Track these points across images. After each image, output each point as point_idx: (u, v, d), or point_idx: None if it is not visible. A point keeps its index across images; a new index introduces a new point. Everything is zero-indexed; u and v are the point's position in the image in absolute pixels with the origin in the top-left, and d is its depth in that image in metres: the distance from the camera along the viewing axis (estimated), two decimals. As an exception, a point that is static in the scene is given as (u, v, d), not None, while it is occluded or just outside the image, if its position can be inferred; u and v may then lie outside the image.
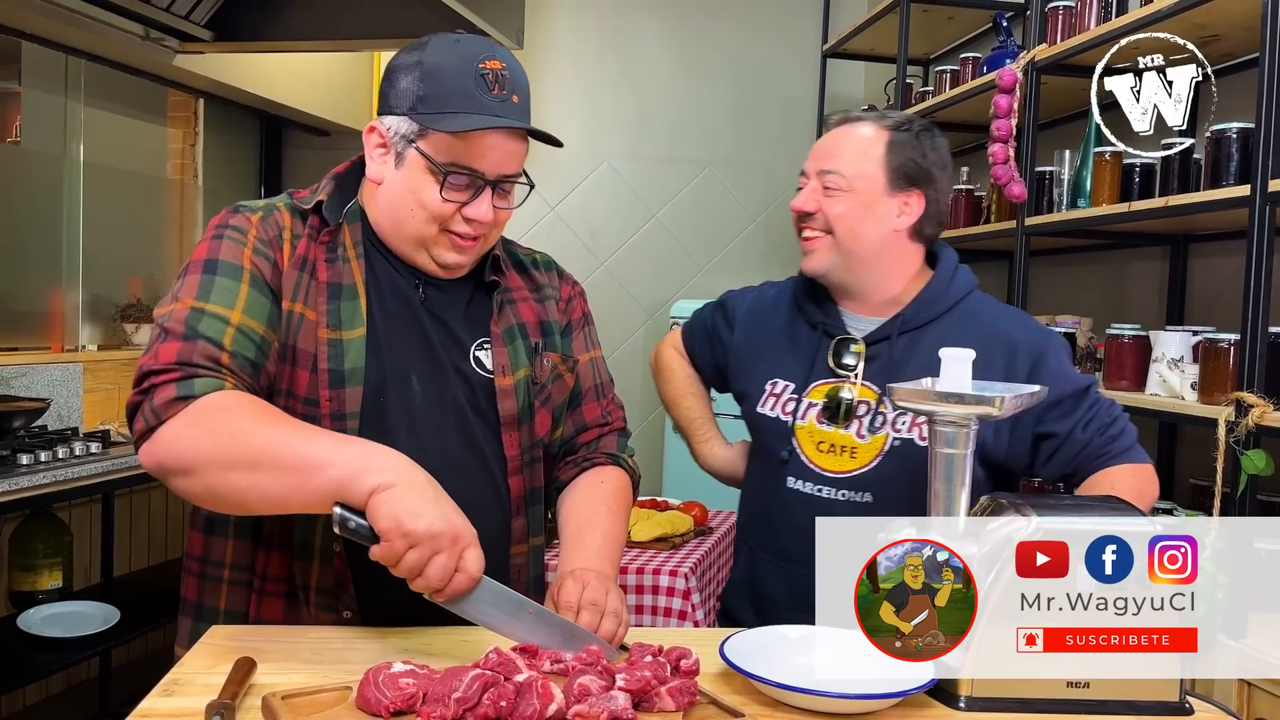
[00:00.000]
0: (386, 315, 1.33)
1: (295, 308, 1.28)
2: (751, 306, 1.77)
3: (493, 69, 1.25)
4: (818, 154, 1.62)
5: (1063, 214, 2.60)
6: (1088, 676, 1.12)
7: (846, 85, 4.63)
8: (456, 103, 1.24)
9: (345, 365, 1.27)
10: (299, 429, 1.17)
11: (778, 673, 1.11)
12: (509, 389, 1.36)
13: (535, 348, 1.40)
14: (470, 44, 1.28)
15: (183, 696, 1.05)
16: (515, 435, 1.36)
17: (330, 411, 1.26)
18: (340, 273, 1.31)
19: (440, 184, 1.26)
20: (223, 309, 1.22)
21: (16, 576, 2.96)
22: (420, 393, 1.31)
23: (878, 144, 1.57)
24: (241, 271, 1.25)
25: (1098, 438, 1.52)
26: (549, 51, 4.60)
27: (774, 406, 1.64)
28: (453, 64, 1.25)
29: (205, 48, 3.40)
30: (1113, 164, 2.46)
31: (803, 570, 1.59)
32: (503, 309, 1.40)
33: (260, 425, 1.14)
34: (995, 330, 1.58)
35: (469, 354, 1.36)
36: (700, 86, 4.64)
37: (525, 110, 1.29)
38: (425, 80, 1.25)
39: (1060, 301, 3.18)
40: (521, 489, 1.37)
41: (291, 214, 1.33)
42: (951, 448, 1.18)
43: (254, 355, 1.23)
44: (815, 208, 1.58)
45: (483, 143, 1.25)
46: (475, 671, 0.99)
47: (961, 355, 1.18)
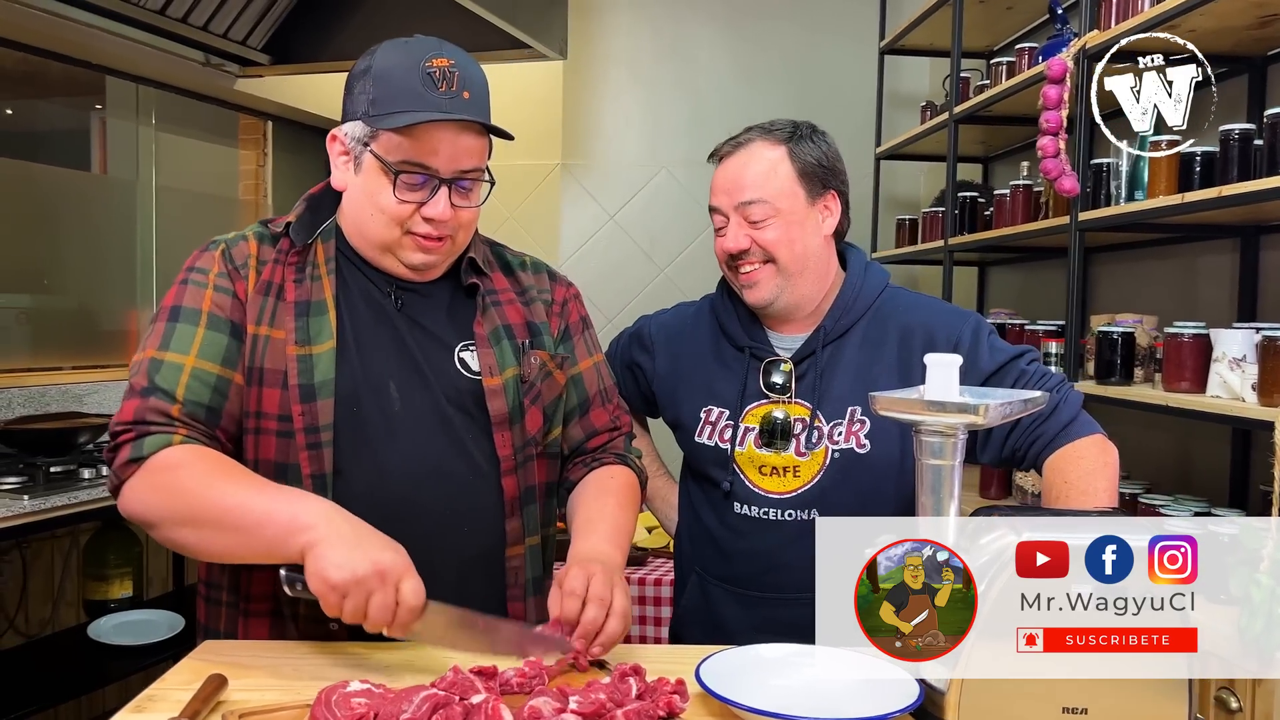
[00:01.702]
0: (359, 326, 1.33)
1: (261, 331, 1.30)
2: (671, 331, 1.72)
3: (440, 66, 1.25)
4: (726, 189, 1.56)
5: (1116, 208, 2.47)
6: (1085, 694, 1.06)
7: (906, 82, 4.52)
8: (404, 101, 1.24)
9: (315, 379, 1.28)
10: (237, 486, 1.19)
11: (755, 695, 1.08)
12: (497, 389, 1.35)
13: (523, 347, 1.39)
14: (419, 44, 1.28)
15: (154, 713, 1.06)
16: (507, 434, 1.35)
17: (304, 426, 1.27)
18: (309, 290, 1.33)
19: (393, 184, 1.26)
20: (179, 356, 1.27)
21: (90, 586, 3.08)
22: (399, 399, 1.31)
23: (781, 159, 1.54)
24: (200, 315, 1.30)
25: (1025, 415, 1.45)
26: (605, 61, 4.60)
27: (711, 435, 1.61)
28: (400, 65, 1.26)
29: (264, 71, 3.50)
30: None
31: (759, 595, 1.56)
32: (486, 310, 1.39)
33: (207, 483, 1.19)
34: (910, 324, 1.55)
35: (453, 357, 1.35)
36: (759, 90, 4.58)
37: (478, 106, 1.29)
38: (375, 83, 1.26)
39: (1127, 299, 3.04)
40: (516, 489, 1.35)
41: (260, 241, 1.36)
42: (938, 459, 1.12)
43: (208, 399, 1.27)
44: (748, 244, 1.54)
45: (432, 139, 1.25)
46: (427, 692, 0.98)
47: (947, 361, 1.12)
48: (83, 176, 3.68)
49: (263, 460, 1.29)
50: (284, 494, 1.20)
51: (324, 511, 1.14)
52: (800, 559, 1.49)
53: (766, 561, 1.54)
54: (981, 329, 1.56)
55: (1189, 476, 2.75)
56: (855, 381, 1.52)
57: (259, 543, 1.15)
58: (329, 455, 1.27)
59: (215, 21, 3.17)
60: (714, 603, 1.60)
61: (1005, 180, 3.28)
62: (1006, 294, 4.02)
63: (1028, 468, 1.51)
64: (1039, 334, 2.93)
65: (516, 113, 4.57)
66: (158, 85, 3.55)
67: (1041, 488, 1.48)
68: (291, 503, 1.16)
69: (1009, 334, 3.19)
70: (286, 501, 1.17)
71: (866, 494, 1.48)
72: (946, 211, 3.55)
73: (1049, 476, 1.45)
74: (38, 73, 3.45)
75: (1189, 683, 1.07)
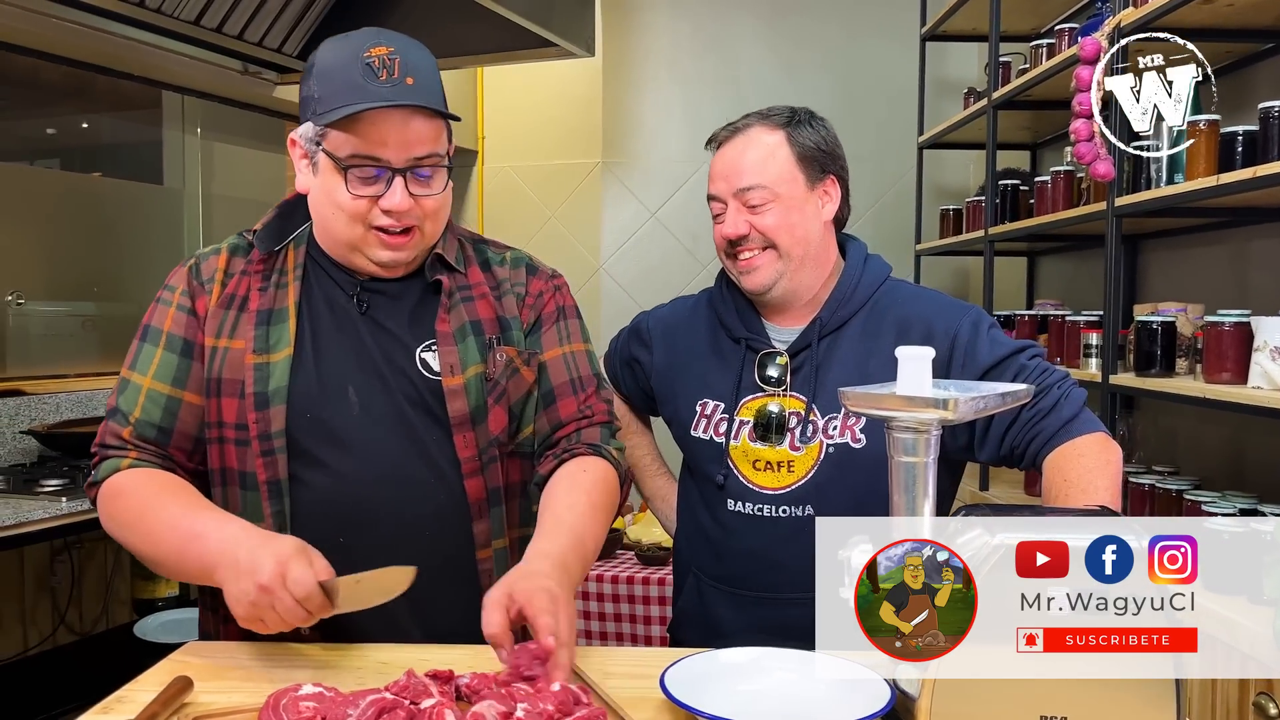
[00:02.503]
0: (320, 332, 1.33)
1: (220, 343, 1.32)
2: (667, 324, 1.70)
3: (379, 55, 1.23)
4: (724, 174, 1.53)
5: (1152, 192, 2.37)
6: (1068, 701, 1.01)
7: (948, 68, 4.42)
8: (346, 95, 1.22)
9: (270, 386, 1.28)
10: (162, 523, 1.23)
11: (720, 703, 1.04)
12: (458, 389, 1.32)
13: (490, 343, 1.36)
14: (358, 36, 1.27)
15: (120, 714, 1.07)
16: (470, 435, 1.31)
17: (258, 433, 1.28)
18: (273, 298, 1.33)
19: (345, 179, 1.25)
20: (139, 377, 1.33)
21: (138, 585, 3.16)
22: (358, 404, 1.30)
23: (780, 144, 1.52)
24: (161, 335, 1.34)
25: (1026, 410, 1.38)
26: (645, 58, 4.58)
27: (706, 429, 1.58)
28: (340, 59, 1.25)
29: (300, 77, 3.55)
30: (1209, 133, 2.23)
31: (751, 594, 1.52)
32: (453, 308, 1.36)
33: (142, 513, 1.25)
34: (909, 316, 1.51)
35: (415, 358, 1.33)
36: (800, 83, 4.52)
37: (424, 90, 1.25)
38: (319, 81, 1.25)
39: (1178, 288, 2.92)
40: (481, 491, 1.32)
41: (232, 253, 1.38)
42: (910, 455, 1.08)
43: (159, 419, 1.31)
44: (747, 229, 1.51)
45: (378, 130, 1.23)
46: (374, 696, 0.97)
47: (918, 355, 1.08)
48: (138, 187, 3.80)
49: (227, 468, 1.31)
50: (198, 530, 1.20)
51: (223, 547, 1.14)
52: (794, 558, 1.45)
53: (760, 561, 1.51)
54: (981, 322, 1.51)
55: (1242, 471, 2.63)
56: (852, 375, 1.48)
57: (191, 578, 1.21)
58: (283, 461, 1.28)
59: (250, 30, 3.22)
60: (709, 604, 1.57)
61: (1052, 167, 3.18)
62: (1055, 285, 3.90)
63: (1026, 466, 1.45)
64: (1080, 325, 2.83)
65: (556, 112, 4.64)
66: (201, 95, 3.62)
67: (1041, 486, 1.42)
68: (200, 543, 1.18)
69: (1051, 326, 3.09)
70: (197, 543, 1.19)
71: (862, 490, 1.43)
72: (987, 200, 3.45)
73: (1048, 475, 1.39)
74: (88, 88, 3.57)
75: (1176, 684, 1.01)
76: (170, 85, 3.57)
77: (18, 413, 2.98)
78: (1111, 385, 2.56)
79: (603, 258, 4.57)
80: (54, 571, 3.06)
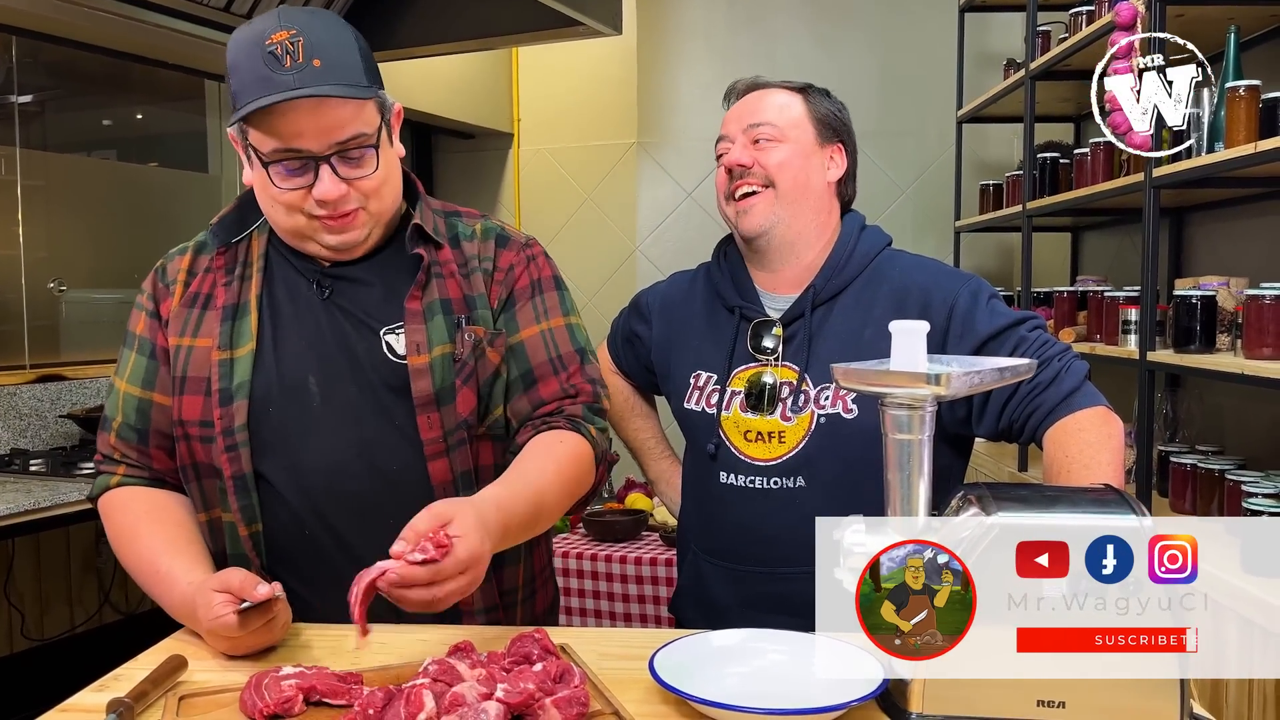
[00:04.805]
0: (280, 325, 1.31)
1: (184, 342, 1.32)
2: (665, 299, 1.69)
3: (280, 41, 1.17)
4: (738, 115, 1.56)
5: (1190, 161, 2.29)
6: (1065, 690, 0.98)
7: (989, 40, 4.31)
8: (254, 89, 1.18)
9: (233, 382, 1.28)
10: (146, 551, 1.28)
11: (710, 685, 1.03)
12: (423, 368, 1.28)
13: (458, 323, 1.31)
14: (259, 23, 1.21)
15: (114, 692, 1.08)
16: (435, 416, 1.27)
17: (222, 429, 1.28)
18: (237, 292, 1.33)
19: (268, 175, 1.22)
20: (119, 381, 1.36)
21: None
22: (318, 394, 1.29)
23: (796, 100, 1.55)
24: (135, 339, 1.37)
25: (1025, 383, 1.35)
26: (679, 34, 4.53)
27: (699, 400, 1.56)
28: (244, 51, 1.20)
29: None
30: (1248, 100, 2.14)
31: (744, 569, 1.50)
32: (428, 284, 1.32)
33: (126, 541, 1.30)
34: (906, 285, 1.49)
35: (381, 342, 1.30)
36: (838, 57, 4.44)
37: (333, 70, 1.18)
38: (232, 75, 1.21)
39: (1220, 261, 2.82)
40: (447, 473, 1.28)
41: (196, 251, 1.38)
42: (904, 433, 1.05)
43: (135, 420, 1.34)
44: (751, 161, 1.51)
45: (291, 122, 1.18)
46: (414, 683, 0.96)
47: (912, 329, 1.04)
48: (186, 176, 3.87)
49: (198, 463, 1.31)
50: (164, 571, 1.24)
51: (180, 601, 1.20)
52: (786, 530, 1.43)
53: (752, 534, 1.49)
54: (981, 291, 1.47)
55: (1290, 451, 2.54)
56: (845, 345, 1.45)
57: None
58: (246, 456, 1.27)
59: (281, 16, 3.24)
60: (706, 579, 1.56)
61: (1093, 139, 3.09)
62: (1100, 261, 3.80)
63: (1026, 440, 1.41)
64: (1119, 301, 2.75)
65: (590, 93, 4.62)
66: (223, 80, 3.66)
67: (1043, 462, 1.38)
68: (168, 584, 1.23)
69: (1090, 302, 3.00)
70: (165, 581, 1.24)
71: (853, 461, 1.40)
72: (1025, 173, 3.37)
73: (1049, 450, 1.35)
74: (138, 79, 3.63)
75: (1180, 681, 0.97)
76: (210, 74, 3.62)
77: (59, 397, 3.05)
78: (1149, 362, 2.48)
79: (639, 239, 4.54)
80: (99, 553, 3.13)
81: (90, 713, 1.03)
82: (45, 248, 3.23)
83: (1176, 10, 2.42)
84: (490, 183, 4.78)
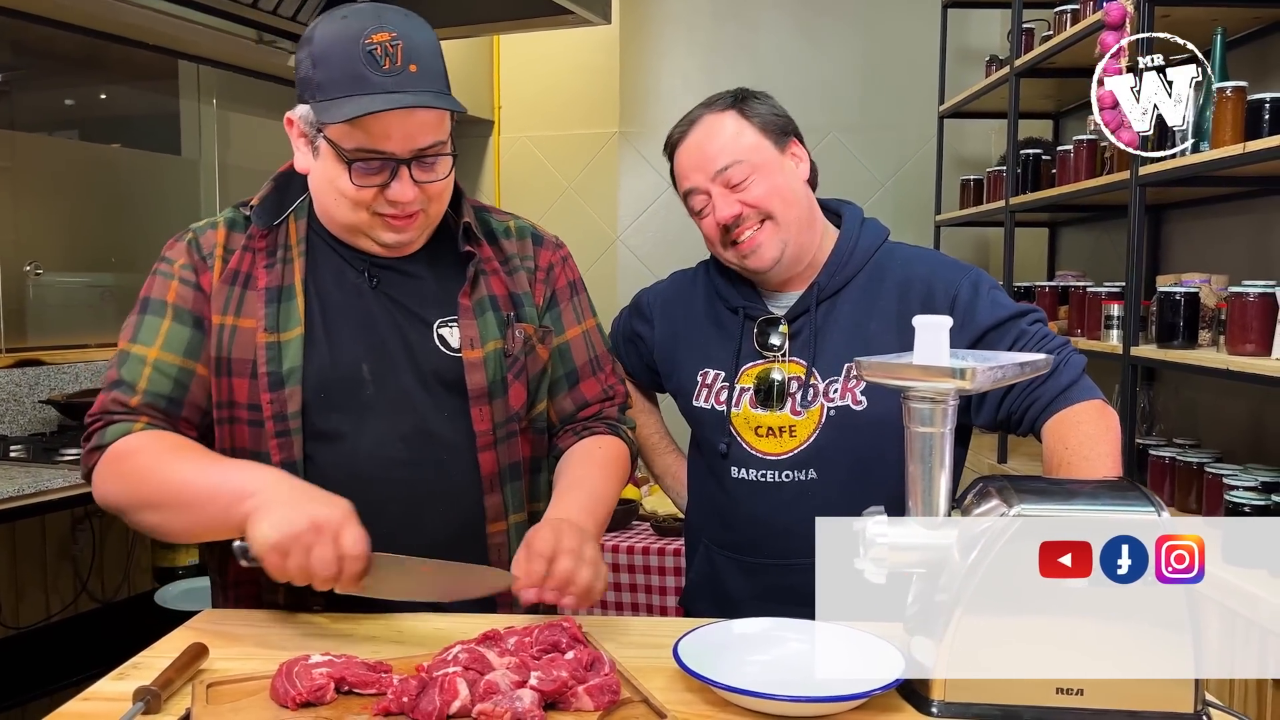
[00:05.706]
0: (330, 310, 1.31)
1: (227, 320, 1.30)
2: (666, 298, 1.69)
3: (380, 42, 1.18)
4: (696, 165, 1.50)
5: (1177, 160, 2.32)
6: (1083, 678, 1.00)
7: (970, 36, 4.35)
8: (346, 86, 1.19)
9: (284, 367, 1.27)
10: (187, 464, 1.21)
11: (733, 672, 1.04)
12: (477, 362, 1.31)
13: (507, 319, 1.35)
14: (357, 17, 1.22)
15: (135, 680, 1.07)
16: (486, 409, 1.31)
17: (272, 414, 1.27)
18: (280, 275, 1.31)
19: (349, 172, 1.23)
20: (143, 349, 1.29)
21: (159, 554, 3.19)
22: (372, 382, 1.30)
23: (735, 119, 1.50)
24: (166, 307, 1.31)
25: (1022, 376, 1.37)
26: (662, 24, 4.53)
27: (708, 398, 1.57)
28: (339, 44, 1.20)
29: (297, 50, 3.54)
30: (1235, 100, 2.18)
31: (759, 561, 1.52)
32: (476, 280, 1.35)
33: (159, 465, 1.21)
34: (908, 277, 1.50)
35: (432, 334, 1.32)
36: (821, 52, 4.46)
37: (429, 77, 1.22)
38: (317, 65, 1.21)
39: (1199, 258, 2.88)
40: (494, 465, 1.32)
41: (230, 227, 1.35)
42: (927, 426, 1.06)
43: (169, 390, 1.28)
44: (739, 209, 1.48)
45: (383, 124, 1.20)
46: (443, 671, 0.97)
47: (936, 324, 1.06)
48: (156, 158, 3.80)
49: (237, 449, 1.29)
50: (232, 467, 1.20)
51: (265, 479, 1.14)
52: (800, 522, 1.44)
53: (767, 527, 1.50)
54: (982, 282, 1.50)
55: (1264, 444, 2.60)
56: (851, 338, 1.47)
57: (210, 517, 1.16)
58: (299, 443, 1.27)
59: (263, -1, 3.21)
60: (720, 572, 1.57)
61: (1075, 136, 3.13)
62: (1077, 256, 3.85)
63: (1024, 432, 1.44)
64: (1101, 296, 2.80)
65: (572, 81, 4.60)
66: (216, 65, 3.62)
67: (1042, 455, 1.41)
68: (237, 474, 1.17)
69: (1071, 297, 3.05)
70: (233, 473, 1.17)
71: (864, 453, 1.43)
72: (1008, 169, 3.41)
73: (1048, 443, 1.38)
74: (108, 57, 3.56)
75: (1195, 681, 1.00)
76: (186, 55, 3.56)
77: (37, 382, 3.00)
78: (1132, 357, 2.53)
79: (620, 229, 4.54)
80: (75, 540, 3.09)
81: (112, 701, 1.02)
82: (14, 230, 3.17)
83: (1163, 11, 2.46)
84: (470, 170, 4.76)
